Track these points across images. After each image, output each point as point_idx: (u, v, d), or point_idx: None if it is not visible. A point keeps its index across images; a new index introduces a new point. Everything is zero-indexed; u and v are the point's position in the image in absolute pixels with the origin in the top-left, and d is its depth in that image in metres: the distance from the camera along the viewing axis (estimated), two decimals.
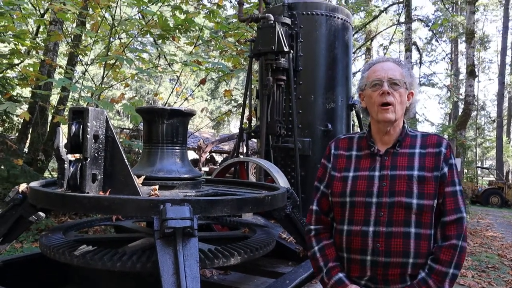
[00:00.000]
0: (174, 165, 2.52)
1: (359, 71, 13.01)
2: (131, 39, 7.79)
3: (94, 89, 6.16)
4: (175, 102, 10.13)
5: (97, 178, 1.97)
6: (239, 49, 7.98)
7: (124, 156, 2.02)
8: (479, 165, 35.20)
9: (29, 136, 8.26)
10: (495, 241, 9.05)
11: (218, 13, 7.51)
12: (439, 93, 35.05)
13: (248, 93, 4.91)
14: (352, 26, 5.08)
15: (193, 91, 19.20)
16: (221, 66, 6.95)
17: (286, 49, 4.31)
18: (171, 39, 7.51)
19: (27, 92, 9.58)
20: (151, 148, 2.55)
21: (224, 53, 8.34)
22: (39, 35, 8.47)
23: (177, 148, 2.57)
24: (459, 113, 18.18)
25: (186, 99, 10.84)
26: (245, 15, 4.98)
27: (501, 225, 12.24)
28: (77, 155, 1.99)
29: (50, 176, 8.32)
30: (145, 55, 8.13)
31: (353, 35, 11.13)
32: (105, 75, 7.40)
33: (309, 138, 4.49)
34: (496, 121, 30.08)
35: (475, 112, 31.55)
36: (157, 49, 8.69)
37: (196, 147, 16.20)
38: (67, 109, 7.82)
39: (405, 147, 1.73)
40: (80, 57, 8.09)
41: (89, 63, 7.96)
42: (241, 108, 5.12)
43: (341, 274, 1.72)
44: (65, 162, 1.91)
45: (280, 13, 4.54)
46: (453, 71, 30.26)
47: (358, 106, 1.93)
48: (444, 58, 33.30)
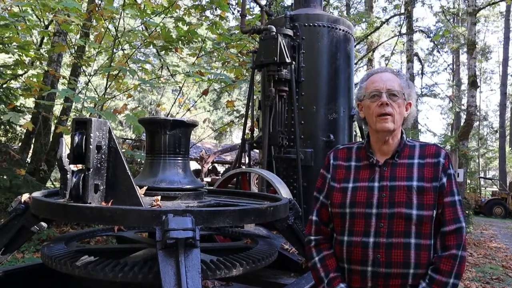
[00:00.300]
0: (176, 175, 2.51)
1: None
2: (134, 50, 7.87)
3: (97, 99, 6.20)
4: (177, 112, 10.16)
5: (99, 188, 1.98)
6: (241, 60, 8.03)
7: (126, 166, 2.02)
8: (482, 175, 35.09)
9: (32, 146, 8.30)
10: (499, 252, 8.97)
11: (220, 25, 7.58)
12: (441, 103, 35.24)
13: (250, 104, 4.93)
14: (353, 37, 5.11)
15: (196, 102, 19.26)
16: (224, 77, 7.00)
17: (288, 60, 4.33)
18: (174, 50, 7.58)
19: (30, 102, 9.63)
20: (153, 158, 2.55)
21: (226, 64, 8.40)
22: (43, 46, 8.56)
23: (179, 158, 2.57)
24: (462, 124, 18.19)
25: (188, 109, 10.88)
26: (247, 27, 5.02)
27: (505, 236, 12.15)
28: (80, 166, 2.00)
29: (52, 186, 8.34)
30: (148, 66, 8.17)
31: (355, 46, 11.19)
32: (108, 86, 7.46)
33: (311, 148, 4.49)
34: (498, 131, 30.05)
35: (478, 122, 31.56)
36: (160, 60, 8.75)
37: (198, 158, 16.21)
38: (70, 119, 7.86)
39: (404, 158, 1.74)
40: (83, 68, 8.15)
41: (92, 73, 8.02)
42: (244, 118, 5.14)
43: (342, 284, 1.72)
44: (68, 172, 1.91)
45: (282, 25, 4.57)
46: (455, 81, 30.26)
47: (356, 116, 1.94)
48: (445, 68, 33.34)
